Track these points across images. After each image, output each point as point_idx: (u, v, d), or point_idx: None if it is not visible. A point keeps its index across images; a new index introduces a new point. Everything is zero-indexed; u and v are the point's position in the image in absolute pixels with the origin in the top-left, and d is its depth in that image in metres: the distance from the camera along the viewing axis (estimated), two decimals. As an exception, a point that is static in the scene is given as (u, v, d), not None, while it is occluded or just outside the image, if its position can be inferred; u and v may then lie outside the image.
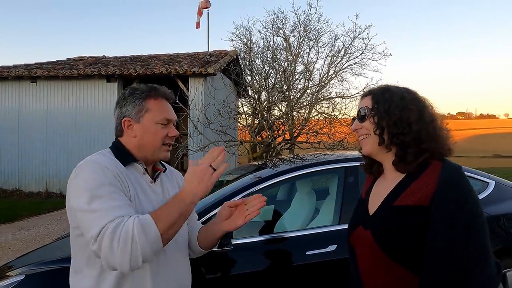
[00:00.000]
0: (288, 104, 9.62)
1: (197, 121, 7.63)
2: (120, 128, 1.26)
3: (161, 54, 12.13)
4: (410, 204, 1.01)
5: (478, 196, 2.62)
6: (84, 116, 9.90)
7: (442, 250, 0.93)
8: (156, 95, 1.26)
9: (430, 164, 1.04)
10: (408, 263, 1.00)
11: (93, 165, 1.13)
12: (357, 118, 1.16)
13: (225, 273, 2.12)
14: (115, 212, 1.04)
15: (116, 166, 1.17)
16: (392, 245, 1.01)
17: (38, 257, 2.34)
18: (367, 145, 1.13)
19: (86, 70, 9.79)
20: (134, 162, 1.24)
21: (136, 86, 1.29)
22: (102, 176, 1.10)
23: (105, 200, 1.05)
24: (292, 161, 3.05)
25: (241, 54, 11.49)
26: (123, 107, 1.26)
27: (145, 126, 1.24)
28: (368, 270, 1.09)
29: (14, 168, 10.21)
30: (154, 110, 1.24)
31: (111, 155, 1.23)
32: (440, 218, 0.95)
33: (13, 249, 5.21)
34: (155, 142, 1.24)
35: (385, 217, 1.05)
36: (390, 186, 1.09)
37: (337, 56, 10.58)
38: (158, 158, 1.28)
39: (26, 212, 7.77)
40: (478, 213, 0.96)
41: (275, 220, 2.95)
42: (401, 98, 1.10)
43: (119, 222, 1.01)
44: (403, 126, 1.06)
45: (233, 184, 2.69)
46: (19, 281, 1.99)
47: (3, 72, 10.08)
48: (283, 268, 2.21)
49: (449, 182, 0.97)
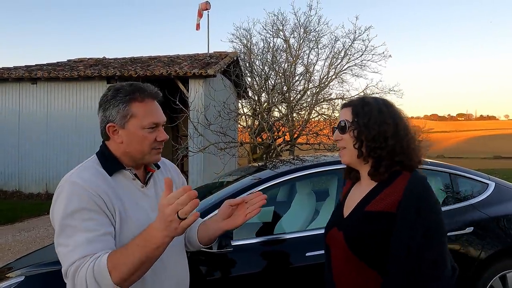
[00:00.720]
0: (288, 106, 9.62)
1: (197, 123, 7.64)
2: (105, 132, 1.19)
3: (161, 56, 12.14)
4: (379, 210, 1.08)
5: (479, 196, 2.64)
6: (85, 118, 9.90)
7: (401, 257, 1.00)
8: (142, 96, 1.16)
9: (400, 174, 1.12)
10: (376, 265, 1.06)
11: (71, 188, 1.07)
12: (337, 129, 1.22)
13: (225, 275, 2.12)
14: (83, 250, 1.01)
15: (98, 181, 1.11)
16: (362, 247, 1.08)
17: (38, 258, 2.34)
18: (345, 156, 1.21)
19: (86, 72, 9.81)
20: (121, 170, 1.18)
21: (119, 87, 1.18)
22: (77, 202, 1.05)
23: (77, 233, 1.03)
24: (292, 162, 3.06)
25: (241, 55, 11.50)
26: (106, 110, 1.17)
27: (131, 132, 1.15)
28: (340, 270, 1.15)
29: (15, 170, 10.21)
30: (140, 115, 1.15)
31: (97, 165, 1.16)
32: (402, 225, 1.02)
33: (13, 250, 5.21)
34: (143, 148, 1.17)
35: (357, 220, 1.13)
36: (364, 191, 1.17)
37: (337, 58, 10.60)
38: (150, 161, 1.22)
39: (26, 213, 7.76)
40: (438, 222, 1.04)
41: (275, 221, 2.95)
42: (379, 112, 1.16)
43: (77, 267, 1.00)
44: (380, 141, 1.13)
45: (233, 186, 2.70)
46: (19, 282, 1.99)
47: (3, 74, 10.09)
48: (283, 269, 2.20)
49: (413, 192, 1.05)
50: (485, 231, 2.50)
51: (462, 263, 2.42)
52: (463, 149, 50.69)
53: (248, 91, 11.05)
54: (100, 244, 1.03)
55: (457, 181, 2.68)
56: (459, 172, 2.73)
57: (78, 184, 1.08)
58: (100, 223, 1.06)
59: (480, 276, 2.44)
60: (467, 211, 2.53)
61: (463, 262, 2.42)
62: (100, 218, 1.07)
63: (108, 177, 1.14)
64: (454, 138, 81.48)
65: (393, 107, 1.20)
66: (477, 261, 2.42)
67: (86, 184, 1.08)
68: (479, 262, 2.42)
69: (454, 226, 2.43)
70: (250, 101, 11.13)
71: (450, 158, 30.66)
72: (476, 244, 2.45)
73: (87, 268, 0.98)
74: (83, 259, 1.00)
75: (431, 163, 2.78)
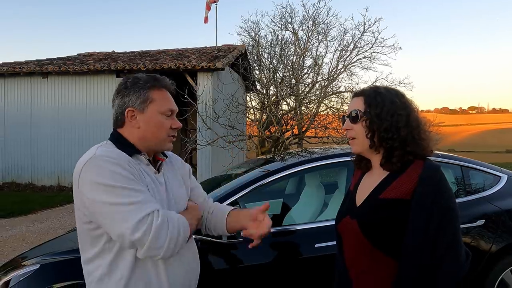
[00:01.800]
0: (296, 99, 9.58)
1: (206, 116, 7.65)
2: (122, 118, 1.22)
3: (169, 49, 12.17)
4: (393, 197, 1.10)
5: (491, 189, 2.61)
6: (94, 111, 10.02)
7: (418, 242, 1.02)
8: (160, 85, 1.24)
9: (413, 162, 1.13)
10: (390, 250, 1.09)
11: (106, 160, 1.10)
12: (348, 118, 1.22)
13: (234, 265, 2.14)
14: (151, 205, 1.08)
15: (125, 156, 1.16)
16: (376, 234, 1.10)
17: (52, 248, 2.39)
18: (357, 146, 1.21)
19: (96, 66, 9.89)
20: (137, 154, 1.21)
21: (138, 76, 1.25)
22: (119, 169, 1.08)
23: (136, 193, 1.07)
24: (300, 154, 3.05)
25: (250, 48, 11.45)
26: (126, 97, 1.21)
27: (149, 116, 1.21)
28: (353, 256, 1.17)
29: (27, 163, 10.41)
30: (158, 101, 1.22)
31: (114, 147, 1.19)
32: (418, 211, 1.04)
33: (27, 240, 5.33)
34: (160, 133, 1.22)
35: (371, 208, 1.14)
36: (376, 180, 1.18)
37: (346, 50, 10.50)
38: (162, 149, 1.26)
39: (39, 205, 7.92)
40: (453, 207, 1.06)
41: (284, 213, 2.95)
42: (391, 103, 1.16)
43: (164, 214, 1.09)
44: (393, 131, 1.14)
45: (242, 178, 2.70)
46: (34, 270, 2.04)
47: (15, 68, 10.24)
48: (291, 260, 2.22)
49: (428, 179, 1.07)
50: (496, 224, 2.47)
51: (473, 256, 2.40)
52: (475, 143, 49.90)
53: (256, 84, 11.01)
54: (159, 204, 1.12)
55: (469, 173, 2.65)
56: (471, 164, 2.69)
57: (110, 157, 1.11)
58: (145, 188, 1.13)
59: (491, 269, 2.42)
60: (479, 203, 2.51)
61: (474, 255, 2.40)
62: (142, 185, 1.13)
63: (129, 157, 1.17)
64: (466, 131, 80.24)
65: (405, 97, 1.20)
66: (488, 254, 2.40)
67: (117, 158, 1.12)
68: (490, 255, 2.40)
69: (466, 219, 2.40)
70: (259, 94, 11.10)
71: (462, 152, 30.21)
72: (487, 237, 2.42)
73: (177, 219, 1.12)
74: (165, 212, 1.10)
75: (442, 155, 2.74)
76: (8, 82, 10.50)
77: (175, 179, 1.34)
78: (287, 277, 2.19)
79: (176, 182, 1.33)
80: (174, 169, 1.37)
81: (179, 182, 1.36)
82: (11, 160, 10.47)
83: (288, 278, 2.19)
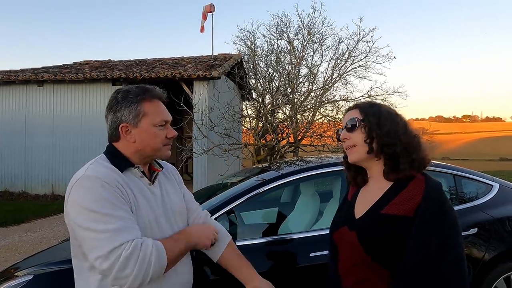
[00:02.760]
0: (292, 107, 9.64)
1: (202, 124, 7.67)
2: (116, 133, 1.23)
3: (166, 58, 12.22)
4: (396, 214, 1.09)
5: (483, 198, 2.64)
6: (90, 120, 9.99)
7: (419, 259, 1.02)
8: (151, 97, 1.24)
9: (413, 176, 1.13)
10: (388, 264, 1.08)
11: (94, 181, 1.11)
12: (344, 129, 1.21)
13: (229, 275, 2.13)
14: (125, 235, 1.07)
15: (114, 175, 1.16)
16: (377, 249, 1.09)
17: (46, 258, 2.37)
18: (355, 154, 1.19)
19: (92, 74, 9.90)
20: (130, 167, 1.22)
21: (128, 89, 1.25)
22: (104, 193, 1.09)
23: (113, 220, 1.07)
24: (296, 163, 3.07)
25: (245, 57, 11.53)
26: (118, 112, 1.22)
27: (143, 130, 1.21)
28: (348, 266, 1.17)
29: (21, 171, 10.32)
30: (151, 113, 1.22)
31: (107, 162, 1.21)
32: (419, 231, 1.04)
33: (20, 250, 5.26)
34: (156, 145, 1.23)
35: (372, 222, 1.13)
36: (377, 194, 1.17)
37: (341, 59, 10.60)
38: (161, 157, 1.28)
39: (32, 214, 7.84)
40: (456, 224, 1.07)
41: (279, 222, 2.96)
42: (388, 113, 1.19)
43: (134, 247, 1.06)
44: (393, 136, 1.14)
45: (238, 186, 2.71)
46: (28, 281, 2.03)
47: (10, 76, 10.22)
48: (287, 269, 2.22)
49: (432, 198, 1.07)
50: (489, 233, 2.49)
51: (467, 265, 2.43)
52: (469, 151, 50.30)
53: (252, 93, 11.08)
54: (137, 232, 1.11)
55: (461, 182, 2.68)
56: (463, 173, 2.73)
57: (99, 178, 1.12)
58: (128, 213, 1.13)
59: (485, 277, 2.44)
60: (471, 212, 2.53)
61: (468, 263, 2.43)
62: (126, 208, 1.13)
63: (120, 173, 1.19)
64: (460, 139, 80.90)
65: (397, 112, 1.23)
66: (481, 263, 2.42)
67: (105, 178, 1.13)
68: (483, 264, 2.42)
69: (458, 228, 2.43)
70: (254, 103, 11.16)
71: (456, 160, 30.45)
72: (480, 246, 2.45)
73: (151, 247, 1.09)
74: (137, 241, 1.08)
75: (436, 165, 2.78)
76: (3, 90, 10.47)
77: (172, 188, 1.35)
78: (282, 286, 2.18)
79: (173, 190, 1.34)
80: (170, 178, 1.38)
81: (176, 190, 1.37)
82: (5, 169, 10.37)
83: (284, 287, 2.18)
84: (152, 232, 1.19)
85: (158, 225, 1.21)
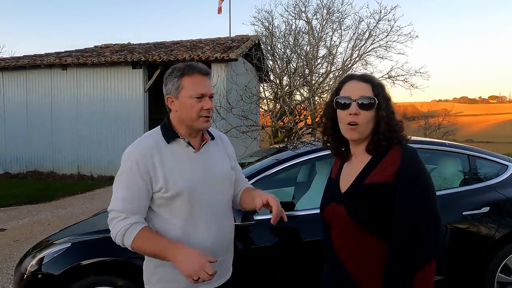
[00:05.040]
0: (310, 89, 9.59)
1: (220, 106, 7.79)
2: (167, 105, 1.42)
3: (184, 40, 12.30)
4: (378, 182, 1.17)
5: (497, 178, 2.67)
6: (112, 102, 10.29)
7: (407, 216, 1.11)
8: (191, 72, 1.38)
9: (391, 147, 1.20)
10: (377, 231, 1.16)
11: (128, 154, 1.37)
12: (356, 103, 1.19)
13: (246, 246, 2.28)
14: (120, 204, 1.33)
15: (152, 149, 1.36)
16: (363, 216, 1.17)
17: (80, 229, 2.59)
18: (358, 133, 1.21)
19: (112, 57, 10.12)
20: (177, 138, 1.40)
21: (176, 66, 1.42)
22: (129, 164, 1.34)
23: (121, 187, 1.35)
24: (312, 143, 3.15)
25: (263, 38, 11.46)
26: (166, 85, 1.41)
27: (182, 101, 1.38)
28: (342, 240, 1.23)
29: (49, 152, 10.82)
30: (188, 87, 1.37)
31: (157, 135, 1.42)
32: (403, 191, 1.13)
33: (52, 225, 5.64)
34: (191, 115, 1.37)
35: (357, 193, 1.20)
36: (359, 167, 1.24)
37: (361, 39, 10.39)
38: (198, 128, 1.41)
39: (61, 192, 8.29)
40: (431, 184, 1.16)
41: (295, 200, 3.07)
42: (386, 91, 1.24)
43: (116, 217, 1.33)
44: (393, 119, 1.21)
45: (254, 166, 2.83)
46: (66, 247, 2.25)
47: (36, 60, 10.58)
48: (299, 242, 2.36)
49: (409, 163, 1.16)
50: (501, 211, 2.53)
51: (478, 242, 2.49)
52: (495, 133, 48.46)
53: (269, 74, 11.06)
54: (131, 206, 1.33)
55: (476, 162, 2.70)
56: (478, 153, 2.74)
57: (135, 153, 1.36)
58: (139, 188, 1.34)
59: (495, 254, 2.50)
60: (485, 191, 2.57)
61: (479, 240, 2.48)
62: (141, 183, 1.35)
63: (165, 145, 1.39)
64: (486, 121, 78.00)
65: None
66: (492, 240, 2.47)
67: (140, 153, 1.36)
68: (493, 241, 2.47)
69: (471, 206, 2.48)
70: (272, 85, 11.15)
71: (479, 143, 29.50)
72: (491, 224, 2.49)
73: (123, 226, 1.31)
74: (121, 214, 1.32)
75: (450, 145, 2.80)
76: (29, 74, 10.87)
77: (219, 156, 1.49)
78: (294, 258, 2.33)
79: (219, 158, 1.50)
80: (220, 148, 1.53)
81: (223, 158, 1.52)
82: (34, 150, 10.90)
83: (296, 259, 2.33)
84: (194, 194, 1.36)
85: (200, 188, 1.38)
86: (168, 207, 1.36)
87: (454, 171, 2.76)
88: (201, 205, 1.38)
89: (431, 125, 22.34)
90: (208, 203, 1.40)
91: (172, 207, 1.36)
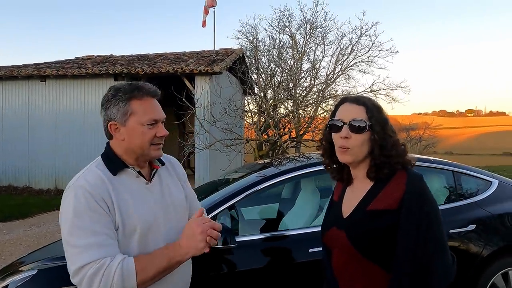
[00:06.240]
0: (294, 102, 9.62)
1: (204, 120, 7.69)
2: (108, 131, 1.24)
3: (167, 53, 12.20)
4: (381, 208, 1.12)
5: (482, 194, 2.66)
6: (92, 115, 10.01)
7: (411, 245, 1.06)
8: (141, 95, 1.21)
9: (395, 173, 1.15)
10: (379, 259, 1.11)
11: (78, 191, 1.15)
12: (347, 126, 1.15)
13: (228, 270, 2.17)
14: (95, 253, 1.09)
15: (102, 184, 1.17)
16: (366, 244, 1.11)
17: (50, 253, 2.42)
18: (350, 156, 1.16)
19: (94, 69, 9.91)
20: (125, 168, 1.22)
21: (119, 86, 1.24)
22: (85, 204, 1.12)
23: (86, 235, 1.10)
24: (296, 159, 3.09)
25: (247, 52, 11.49)
26: (108, 109, 1.22)
27: (131, 129, 1.20)
28: (342, 266, 1.18)
29: (25, 166, 10.39)
30: (139, 112, 1.20)
31: (102, 166, 1.22)
32: (407, 219, 1.07)
33: (24, 245, 5.34)
34: (142, 143, 1.21)
35: (359, 219, 1.15)
36: (362, 192, 1.19)
37: (344, 54, 10.53)
38: (150, 158, 1.26)
39: (36, 208, 7.92)
40: (437, 211, 1.11)
41: (279, 218, 2.99)
42: (382, 113, 1.18)
43: (101, 266, 1.08)
44: (392, 147, 1.16)
45: (239, 182, 2.74)
46: (32, 275, 2.07)
47: (13, 71, 10.26)
48: (286, 265, 2.25)
49: (414, 189, 1.11)
50: (487, 229, 2.51)
51: (464, 260, 2.45)
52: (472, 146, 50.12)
53: (254, 88, 11.06)
54: (110, 249, 1.12)
55: (460, 178, 2.70)
56: (463, 170, 2.74)
57: (84, 188, 1.16)
58: (107, 226, 1.14)
59: (482, 273, 2.46)
60: (470, 208, 2.55)
61: (465, 259, 2.45)
62: (106, 220, 1.14)
63: (112, 177, 1.21)
64: (463, 134, 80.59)
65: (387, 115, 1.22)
66: (479, 258, 2.44)
67: (91, 188, 1.16)
68: (481, 259, 2.44)
69: (457, 224, 2.45)
70: (256, 98, 11.13)
71: (459, 155, 30.34)
72: (478, 242, 2.47)
73: (115, 268, 1.08)
74: (104, 261, 1.09)
75: (435, 161, 2.79)
76: (6, 85, 10.52)
77: (171, 183, 1.34)
78: (282, 281, 2.22)
79: (173, 185, 1.34)
80: (171, 173, 1.37)
81: (176, 184, 1.36)
82: (9, 164, 10.45)
83: (283, 282, 2.22)
84: (150, 231, 1.21)
85: (156, 223, 1.23)
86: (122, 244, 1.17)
87: (439, 188, 2.74)
88: (157, 239, 1.22)
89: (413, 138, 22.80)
90: (164, 236, 1.24)
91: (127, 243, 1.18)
